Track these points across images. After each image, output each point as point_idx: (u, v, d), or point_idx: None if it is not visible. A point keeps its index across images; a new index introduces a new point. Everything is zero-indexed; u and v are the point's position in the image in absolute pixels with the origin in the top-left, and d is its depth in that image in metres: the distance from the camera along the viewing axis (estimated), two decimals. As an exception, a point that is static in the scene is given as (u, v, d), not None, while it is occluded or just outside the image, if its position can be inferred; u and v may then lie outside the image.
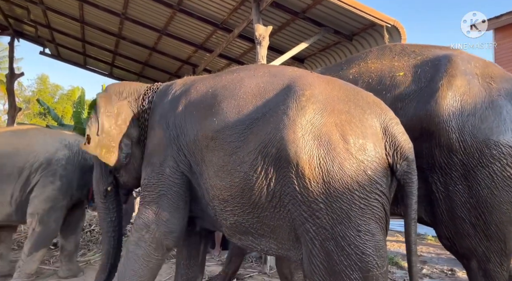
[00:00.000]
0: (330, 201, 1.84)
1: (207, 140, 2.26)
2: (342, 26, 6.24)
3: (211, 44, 8.78)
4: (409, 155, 1.97)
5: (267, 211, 2.04)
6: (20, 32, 12.46)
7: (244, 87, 2.28)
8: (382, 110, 2.06)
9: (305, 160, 1.87)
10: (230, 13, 7.06)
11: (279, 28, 6.79)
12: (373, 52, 2.77)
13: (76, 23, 10.03)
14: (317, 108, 1.96)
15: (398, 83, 2.43)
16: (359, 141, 1.88)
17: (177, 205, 2.43)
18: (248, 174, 2.04)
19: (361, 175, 1.85)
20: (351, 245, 1.84)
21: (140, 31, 9.35)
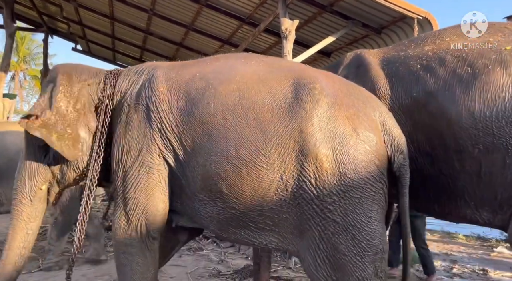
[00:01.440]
0: (344, 192, 1.89)
1: (200, 125, 2.12)
2: (371, 19, 6.11)
3: (237, 39, 8.80)
4: (404, 148, 2.05)
5: (273, 204, 2.00)
6: (53, 29, 12.93)
7: (241, 73, 2.21)
8: (378, 105, 2.13)
9: (324, 153, 1.91)
10: (256, 8, 7.05)
11: (305, 22, 6.72)
12: (448, 31, 2.38)
13: (106, 20, 10.30)
14: (330, 101, 2.00)
15: (508, 57, 2.00)
16: (367, 134, 1.96)
17: (159, 196, 2.23)
18: (257, 165, 1.97)
19: (372, 166, 1.93)
20: (362, 231, 1.90)
21: (168, 27, 9.49)
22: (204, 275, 3.98)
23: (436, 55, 2.22)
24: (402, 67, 2.32)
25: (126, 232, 2.26)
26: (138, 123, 2.28)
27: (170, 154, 2.21)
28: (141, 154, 2.23)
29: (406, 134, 2.15)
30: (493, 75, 1.99)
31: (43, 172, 2.46)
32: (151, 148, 2.22)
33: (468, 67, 2.07)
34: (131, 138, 2.27)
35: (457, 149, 2.04)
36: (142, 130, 2.26)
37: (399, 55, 2.42)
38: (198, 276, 3.97)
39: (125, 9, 9.25)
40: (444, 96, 2.08)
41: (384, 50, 2.62)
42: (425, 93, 2.17)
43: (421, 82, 2.19)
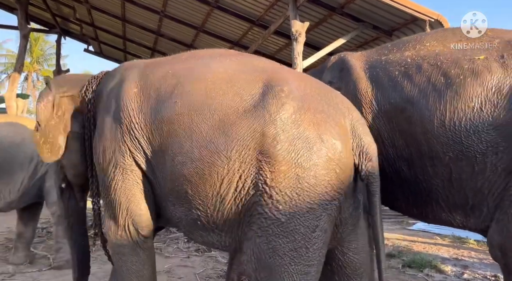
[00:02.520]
0: (298, 194, 1.87)
1: (167, 125, 2.10)
2: (382, 21, 6.07)
3: (247, 40, 8.83)
4: (374, 156, 2.01)
5: (231, 205, 1.99)
6: (66, 30, 13.12)
7: (211, 71, 2.17)
8: (349, 110, 2.08)
9: (283, 156, 1.89)
10: (267, 10, 7.06)
11: (316, 24, 6.72)
12: (429, 35, 2.42)
13: (117, 21, 10.42)
14: (296, 105, 1.96)
15: (479, 68, 2.04)
16: (333, 141, 1.93)
17: (139, 194, 2.25)
18: (218, 166, 1.96)
19: (332, 174, 1.90)
20: (305, 237, 1.88)
21: (178, 29, 9.56)
22: (212, 276, 3.99)
23: (414, 62, 2.26)
24: (382, 72, 2.36)
25: (116, 234, 2.29)
26: (111, 125, 2.29)
27: (139, 155, 2.20)
28: (114, 156, 2.24)
29: (386, 138, 2.25)
30: (464, 85, 2.05)
31: (59, 172, 2.78)
32: (122, 149, 2.22)
33: (441, 76, 2.13)
34: (105, 140, 2.29)
35: (430, 156, 2.12)
36: (114, 131, 2.26)
37: (381, 59, 2.44)
38: (206, 277, 3.98)
39: (136, 11, 9.35)
40: (419, 103, 2.14)
41: (367, 53, 2.62)
42: (402, 100, 2.23)
43: (398, 88, 2.25)
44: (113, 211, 2.28)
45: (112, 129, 2.27)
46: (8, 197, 3.98)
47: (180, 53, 2.51)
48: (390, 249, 5.17)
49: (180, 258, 4.52)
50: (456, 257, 5.00)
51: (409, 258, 4.59)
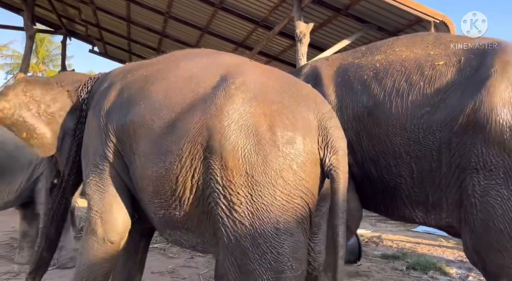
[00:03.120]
0: (251, 195, 1.75)
1: (134, 126, 2.10)
2: (386, 23, 6.06)
3: (251, 41, 8.84)
4: (340, 149, 1.86)
5: (191, 204, 1.93)
6: (72, 31, 13.20)
7: (176, 71, 2.16)
8: (317, 103, 1.95)
9: (229, 151, 1.78)
10: (271, 11, 7.07)
11: (320, 25, 6.71)
12: (400, 40, 2.53)
13: (122, 22, 10.46)
14: (246, 97, 1.85)
15: (438, 73, 2.18)
16: (287, 134, 1.78)
17: (115, 196, 2.25)
18: (173, 164, 1.92)
19: (286, 170, 1.76)
20: (267, 243, 1.75)
21: (183, 30, 9.59)
22: (215, 277, 3.99)
23: (382, 67, 2.37)
24: (353, 76, 2.46)
25: (87, 235, 2.26)
26: (93, 126, 2.34)
27: (114, 156, 2.23)
28: (95, 156, 2.28)
29: (355, 141, 2.35)
30: (423, 90, 2.17)
31: (51, 168, 2.84)
32: (100, 150, 2.25)
33: (404, 82, 2.23)
34: (89, 141, 2.35)
35: (394, 156, 2.24)
36: (96, 133, 2.30)
37: (354, 62, 2.54)
38: (210, 277, 3.98)
39: (141, 12, 9.39)
40: (385, 107, 2.27)
41: (343, 56, 2.72)
42: (370, 103, 2.33)
43: (367, 92, 2.36)
44: (89, 210, 2.29)
45: (94, 130, 2.32)
46: (6, 197, 4.07)
47: (163, 55, 2.52)
48: (394, 250, 5.15)
49: (184, 259, 4.52)
50: (461, 260, 4.96)
51: (413, 260, 4.57)
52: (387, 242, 5.67)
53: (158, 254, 4.63)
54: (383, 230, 6.51)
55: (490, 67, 2.04)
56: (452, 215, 2.14)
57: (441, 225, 2.25)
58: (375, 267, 4.42)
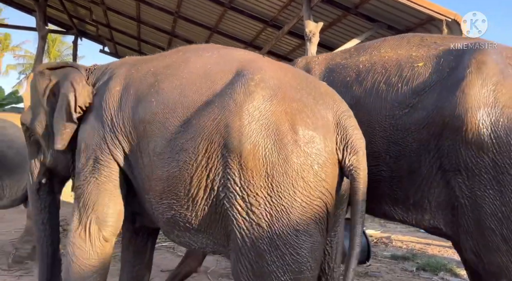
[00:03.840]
0: (271, 196, 1.71)
1: (143, 124, 2.04)
2: (397, 21, 6.00)
3: (260, 41, 8.84)
4: (360, 149, 1.83)
5: (204, 204, 1.88)
6: (83, 31, 13.37)
7: (188, 66, 2.09)
8: (335, 102, 1.91)
9: (249, 150, 1.71)
10: (280, 10, 7.06)
11: (330, 24, 6.68)
12: (387, 41, 2.52)
13: (132, 22, 10.55)
14: (267, 94, 1.79)
15: (416, 74, 2.17)
16: (308, 133, 1.74)
17: (111, 193, 2.17)
18: (188, 163, 1.86)
19: (307, 170, 1.71)
20: (287, 244, 1.72)
21: (192, 29, 9.63)
22: (224, 275, 4.00)
23: (365, 68, 2.37)
24: (338, 77, 2.47)
25: (76, 231, 2.17)
26: (94, 122, 2.25)
27: (119, 154, 2.15)
28: (94, 152, 2.18)
29: None
30: (401, 91, 2.17)
31: (39, 166, 2.65)
32: (102, 147, 2.17)
33: (383, 84, 2.24)
34: (87, 137, 2.25)
35: (374, 156, 2.22)
36: (96, 128, 2.22)
37: (340, 63, 2.54)
38: (218, 276, 3.99)
39: (151, 12, 9.45)
40: (366, 108, 2.29)
41: (332, 55, 2.72)
42: (352, 104, 2.33)
43: (349, 93, 2.36)
44: (80, 206, 2.19)
45: (95, 126, 2.24)
46: (15, 195, 4.11)
47: (169, 51, 2.47)
48: (404, 251, 5.11)
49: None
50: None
51: (423, 261, 4.53)
52: (397, 243, 5.63)
53: (167, 252, 4.66)
54: (393, 231, 6.45)
55: (466, 68, 2.02)
56: (437, 217, 2.12)
57: (424, 226, 2.23)
58: (384, 268, 4.39)
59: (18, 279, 3.64)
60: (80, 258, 2.16)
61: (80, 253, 2.16)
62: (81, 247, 2.16)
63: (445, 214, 2.09)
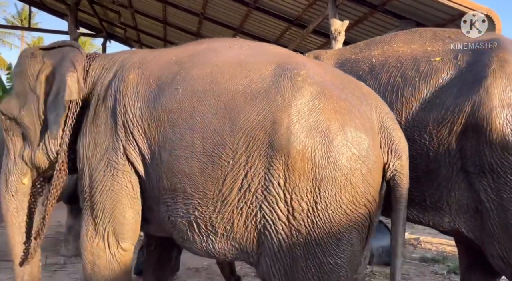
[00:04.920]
0: (316, 202, 1.60)
1: (165, 114, 1.84)
2: (426, 18, 5.85)
3: (285, 40, 8.81)
4: (403, 154, 1.74)
5: (235, 206, 1.71)
6: (111, 34, 13.74)
7: (219, 56, 1.94)
8: (378, 103, 1.83)
9: (298, 151, 1.59)
10: (305, 9, 7.02)
11: (355, 22, 6.58)
12: (398, 36, 2.48)
13: (159, 24, 10.77)
14: (315, 91, 1.67)
15: (434, 69, 2.10)
16: (358, 135, 1.63)
17: (127, 202, 1.98)
18: (223, 160, 1.69)
19: (356, 175, 1.60)
20: (326, 253, 1.62)
21: (217, 30, 9.73)
22: (249, 275, 4.01)
23: (378, 62, 2.32)
24: (350, 70, 2.40)
25: (93, 241, 2.01)
26: (106, 118, 2.01)
27: (133, 151, 1.93)
28: (107, 153, 1.96)
29: None
30: (418, 86, 2.10)
31: (20, 164, 2.21)
32: (116, 146, 1.95)
33: (399, 78, 2.17)
34: (97, 135, 2.01)
35: None
36: (109, 125, 1.99)
37: (351, 57, 2.49)
38: (244, 275, 4.01)
39: (177, 14, 9.61)
40: None
41: (341, 51, 2.66)
42: None
43: None
44: (94, 215, 2.00)
45: (106, 123, 2.00)
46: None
47: (188, 43, 2.32)
48: (434, 253, 4.97)
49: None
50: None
51: (454, 264, 4.38)
52: (426, 245, 5.48)
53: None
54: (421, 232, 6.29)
55: (488, 65, 1.96)
56: (458, 221, 2.05)
57: (442, 228, 2.16)
58: (413, 270, 4.29)
59: (53, 273, 3.78)
60: (101, 267, 2.04)
61: (101, 262, 2.04)
62: (101, 257, 2.03)
63: (467, 218, 2.02)
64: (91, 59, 2.23)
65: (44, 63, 2.18)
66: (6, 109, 2.22)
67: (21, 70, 2.21)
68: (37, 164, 2.19)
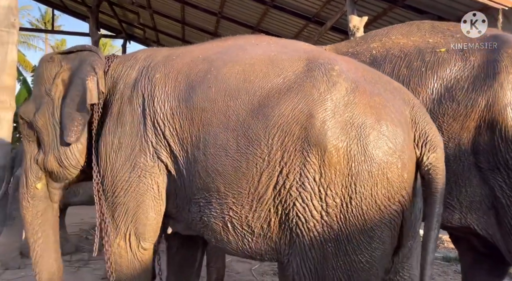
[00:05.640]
0: (351, 198, 1.57)
1: (198, 113, 1.83)
2: (448, 12, 5.69)
3: (302, 38, 8.75)
4: (438, 147, 1.69)
5: (271, 204, 1.69)
6: (131, 35, 13.97)
7: (249, 53, 1.92)
8: (409, 97, 1.80)
9: (334, 145, 1.58)
10: (323, 6, 6.95)
11: (374, 18, 6.48)
12: (395, 29, 2.47)
13: (177, 24, 10.87)
14: (349, 86, 1.66)
15: (441, 60, 2.08)
16: (393, 129, 1.61)
17: (151, 203, 1.99)
18: (258, 157, 1.67)
19: (392, 170, 1.58)
20: (357, 251, 1.60)
21: (235, 29, 9.74)
22: (268, 273, 4.02)
23: (379, 53, 2.28)
24: None
25: (114, 241, 2.05)
26: (132, 118, 1.99)
27: (164, 151, 1.92)
28: (133, 154, 1.95)
29: None
30: (425, 77, 2.07)
31: (35, 168, 2.23)
32: (145, 147, 1.94)
33: (404, 68, 2.14)
34: (122, 135, 1.99)
35: None
36: (136, 125, 1.97)
37: (348, 51, 2.44)
38: (263, 273, 4.03)
39: (195, 13, 9.68)
40: None
41: (336, 46, 2.64)
42: None
43: None
44: (116, 215, 2.02)
45: (133, 123, 1.98)
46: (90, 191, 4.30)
47: (208, 41, 2.31)
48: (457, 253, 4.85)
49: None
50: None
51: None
52: (449, 244, 5.35)
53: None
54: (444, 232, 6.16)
55: (500, 61, 1.95)
56: (470, 217, 2.02)
57: (451, 224, 2.11)
58: (436, 270, 4.21)
59: (77, 270, 3.89)
60: (123, 266, 2.08)
61: (123, 261, 2.08)
62: (122, 256, 2.07)
63: (480, 215, 2.00)
64: (110, 61, 2.24)
65: (61, 67, 2.20)
66: (24, 112, 2.25)
67: (39, 74, 2.25)
68: (49, 168, 2.20)
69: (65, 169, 2.19)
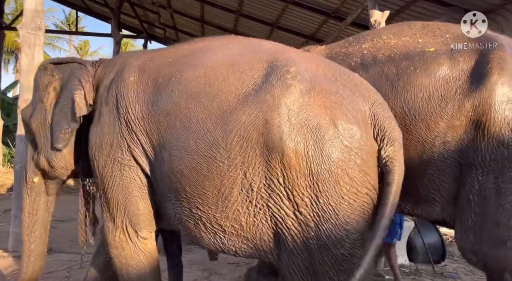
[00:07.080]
0: (317, 196, 1.65)
1: (163, 115, 1.92)
2: (474, 4, 5.50)
3: (322, 34, 8.66)
4: (396, 141, 1.76)
5: (239, 206, 1.76)
6: (152, 35, 14.16)
7: (213, 56, 1.98)
8: (370, 93, 1.85)
9: (291, 148, 1.64)
10: (343, 1, 6.85)
11: (397, 12, 6.33)
12: (387, 29, 2.57)
13: (196, 23, 10.96)
14: (304, 87, 1.72)
15: (429, 59, 2.14)
16: (349, 127, 1.68)
17: (137, 194, 2.08)
18: (219, 161, 1.74)
19: (351, 166, 1.66)
20: (338, 245, 1.67)
21: (253, 26, 9.75)
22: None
23: (370, 54, 2.33)
24: (341, 63, 2.41)
25: (114, 235, 2.15)
26: (108, 117, 2.13)
27: (137, 149, 2.04)
28: (112, 150, 2.07)
29: None
30: (413, 76, 2.12)
31: (32, 165, 2.45)
32: (121, 144, 2.06)
33: (393, 67, 2.19)
34: (102, 134, 2.13)
35: None
36: (112, 124, 2.10)
37: (341, 51, 2.51)
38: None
39: (214, 12, 9.73)
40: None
41: (331, 46, 2.70)
42: None
43: None
44: (110, 210, 2.13)
45: (109, 122, 2.12)
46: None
47: (186, 41, 2.36)
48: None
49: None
50: None
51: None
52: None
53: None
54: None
55: (487, 63, 2.00)
56: (447, 211, 2.12)
57: (436, 219, 2.25)
58: (462, 269, 4.11)
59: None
60: (128, 258, 2.16)
61: (127, 253, 2.15)
62: (124, 248, 2.15)
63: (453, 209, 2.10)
64: (97, 66, 2.41)
65: (53, 76, 2.38)
66: (23, 114, 2.48)
67: (35, 81, 2.45)
68: (41, 168, 2.41)
69: (55, 170, 2.39)
